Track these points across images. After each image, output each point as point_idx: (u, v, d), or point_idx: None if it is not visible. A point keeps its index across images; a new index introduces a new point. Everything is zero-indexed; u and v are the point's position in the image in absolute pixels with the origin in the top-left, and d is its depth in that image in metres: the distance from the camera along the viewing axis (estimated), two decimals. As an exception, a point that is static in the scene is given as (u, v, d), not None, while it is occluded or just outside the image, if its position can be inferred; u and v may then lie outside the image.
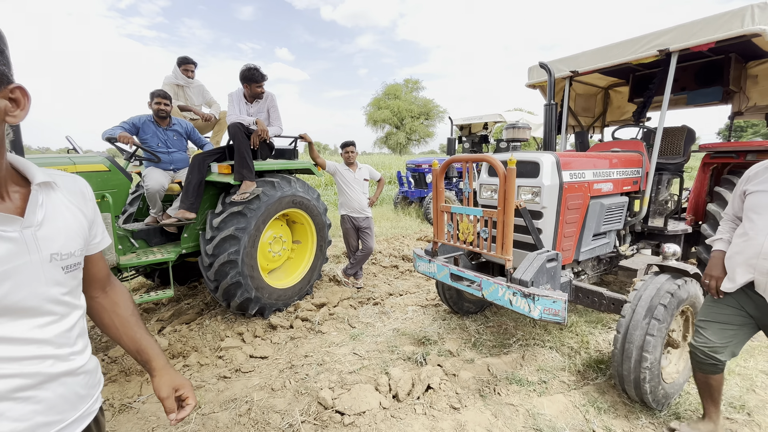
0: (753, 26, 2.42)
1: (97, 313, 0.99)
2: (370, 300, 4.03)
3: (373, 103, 42.77)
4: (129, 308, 1.02)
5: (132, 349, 0.99)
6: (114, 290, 1.03)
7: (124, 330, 0.99)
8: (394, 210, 9.50)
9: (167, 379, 0.98)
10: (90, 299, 0.97)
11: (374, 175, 4.40)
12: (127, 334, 0.99)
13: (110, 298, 1.01)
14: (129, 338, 0.99)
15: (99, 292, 0.99)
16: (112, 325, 0.99)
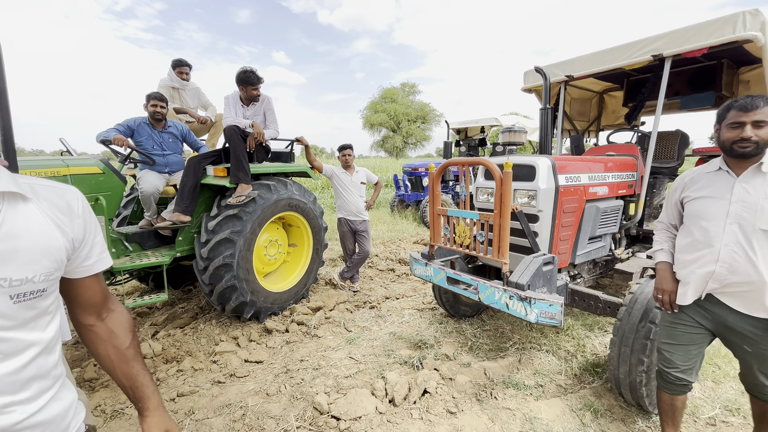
0: (745, 32, 2.45)
1: (91, 342, 0.90)
2: (367, 304, 4.01)
3: (370, 107, 42.89)
4: (127, 339, 0.92)
5: (126, 385, 0.91)
6: (112, 317, 0.92)
7: (119, 364, 0.90)
8: (390, 213, 9.50)
9: (158, 421, 0.91)
10: (82, 327, 0.89)
11: (371, 178, 4.40)
12: (122, 369, 0.90)
13: (106, 327, 0.90)
14: (124, 374, 0.90)
15: (93, 319, 0.89)
16: (107, 357, 0.90)
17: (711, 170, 1.60)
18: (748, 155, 1.47)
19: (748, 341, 1.53)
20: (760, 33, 2.45)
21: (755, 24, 2.45)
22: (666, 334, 1.73)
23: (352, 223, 4.24)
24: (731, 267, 1.49)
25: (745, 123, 1.44)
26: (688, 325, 1.66)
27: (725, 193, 1.51)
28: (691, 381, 1.69)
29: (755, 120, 1.43)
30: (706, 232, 1.54)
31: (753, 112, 1.43)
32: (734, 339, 1.58)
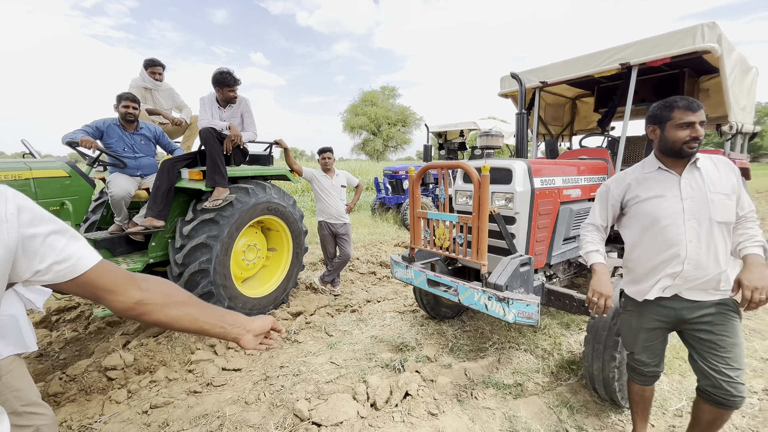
0: (703, 44, 2.60)
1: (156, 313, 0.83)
2: (348, 307, 3.99)
3: (350, 110, 42.84)
4: (184, 291, 0.91)
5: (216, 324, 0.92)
6: (153, 283, 0.85)
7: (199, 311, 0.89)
8: (371, 216, 9.50)
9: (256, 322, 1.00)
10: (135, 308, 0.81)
11: (352, 181, 4.39)
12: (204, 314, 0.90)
13: (158, 290, 0.84)
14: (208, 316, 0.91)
15: (137, 292, 0.81)
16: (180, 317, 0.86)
17: (650, 170, 1.61)
18: (693, 155, 1.52)
19: (710, 329, 1.53)
20: (717, 44, 2.61)
21: (713, 36, 2.61)
22: (630, 338, 1.77)
23: (333, 227, 4.21)
24: (697, 263, 1.50)
25: (695, 123, 1.47)
26: (648, 328, 1.68)
27: (674, 192, 1.53)
28: (660, 371, 1.76)
29: (702, 120, 1.48)
30: (668, 232, 1.53)
31: (699, 112, 1.47)
32: (699, 333, 1.56)
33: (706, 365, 1.53)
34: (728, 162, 1.57)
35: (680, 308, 1.59)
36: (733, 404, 1.49)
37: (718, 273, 1.50)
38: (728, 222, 1.50)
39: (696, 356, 1.58)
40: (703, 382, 1.57)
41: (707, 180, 1.51)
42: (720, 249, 1.49)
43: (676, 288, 1.57)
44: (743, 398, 1.48)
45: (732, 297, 1.52)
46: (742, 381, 1.48)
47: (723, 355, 1.50)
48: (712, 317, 1.53)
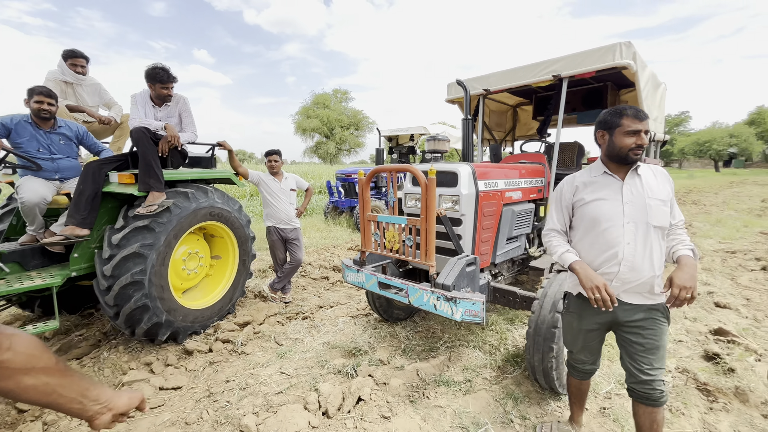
0: (621, 60, 2.90)
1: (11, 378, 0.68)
2: (299, 314, 3.88)
3: (302, 112, 42.06)
4: (51, 354, 0.75)
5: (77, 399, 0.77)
6: (17, 341, 0.70)
7: (60, 381, 0.74)
8: (324, 220, 9.36)
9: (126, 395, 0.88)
10: None
11: (302, 184, 4.29)
12: (66, 385, 0.76)
13: (21, 351, 0.69)
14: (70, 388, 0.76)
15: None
16: (39, 386, 0.72)
17: (596, 174, 1.69)
18: (633, 162, 1.60)
19: (641, 332, 1.61)
20: (632, 61, 2.91)
21: (629, 54, 2.91)
22: (571, 341, 1.86)
23: (283, 231, 4.08)
24: (633, 265, 1.57)
25: (641, 131, 1.54)
26: (588, 329, 1.76)
27: (617, 195, 1.61)
28: (596, 368, 1.88)
29: (647, 129, 1.56)
30: (607, 234, 1.60)
31: (645, 122, 1.55)
32: (630, 335, 1.65)
33: (633, 366, 1.65)
34: (665, 172, 1.68)
35: (617, 311, 1.65)
36: (657, 399, 1.61)
37: (651, 276, 1.57)
38: (663, 227, 1.59)
39: (626, 356, 1.69)
40: (629, 379, 1.68)
41: (646, 186, 1.59)
42: (655, 253, 1.57)
43: (614, 290, 1.61)
44: (664, 392, 1.61)
45: (664, 303, 1.62)
46: (661, 378, 1.61)
47: (648, 357, 1.61)
48: (644, 321, 1.61)
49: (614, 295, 1.52)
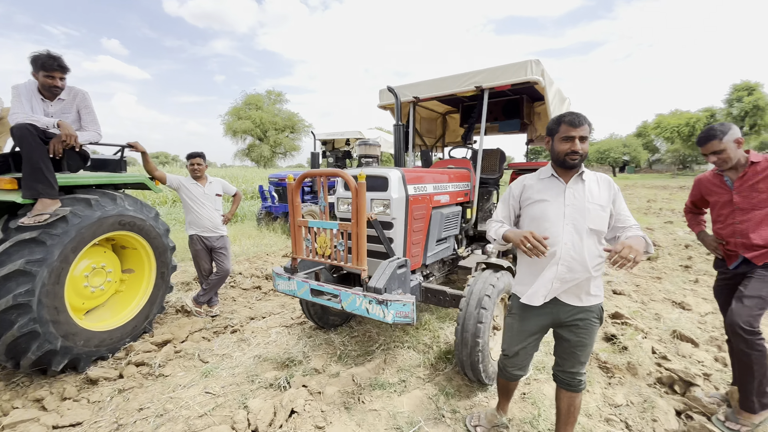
0: (532, 76, 3.20)
1: None
2: (228, 328, 3.63)
3: (232, 113, 39.73)
4: None
5: None
6: None
7: None
8: (257, 227, 8.91)
9: None
10: None
11: (228, 189, 4.04)
12: None
13: None
14: None
15: None
16: None
17: (545, 177, 1.78)
18: (576, 166, 1.68)
19: (575, 331, 1.73)
20: (541, 77, 3.23)
21: (538, 70, 3.23)
22: (509, 342, 1.89)
23: (207, 240, 3.80)
24: (570, 265, 1.65)
25: (575, 137, 1.62)
26: (529, 331, 1.83)
27: (559, 198, 1.69)
28: (523, 374, 1.96)
29: (581, 135, 1.62)
30: (548, 233, 1.66)
31: (580, 128, 1.62)
32: (565, 332, 1.76)
33: (561, 358, 1.82)
34: (609, 180, 1.75)
35: (558, 312, 1.75)
36: (577, 386, 1.81)
37: (587, 278, 1.66)
38: (600, 231, 1.67)
39: (558, 349, 1.84)
40: (557, 368, 1.86)
41: (587, 191, 1.68)
42: (591, 254, 1.65)
43: (555, 291, 1.71)
44: (583, 381, 1.81)
45: (599, 305, 1.75)
46: (584, 371, 1.81)
47: (578, 353, 1.76)
48: (580, 322, 1.72)
49: (543, 240, 1.56)
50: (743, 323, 2.01)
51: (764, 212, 2.06)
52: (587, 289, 1.69)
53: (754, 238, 2.07)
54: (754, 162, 2.07)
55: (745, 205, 2.12)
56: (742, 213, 2.13)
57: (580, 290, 1.70)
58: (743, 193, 2.12)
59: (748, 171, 2.09)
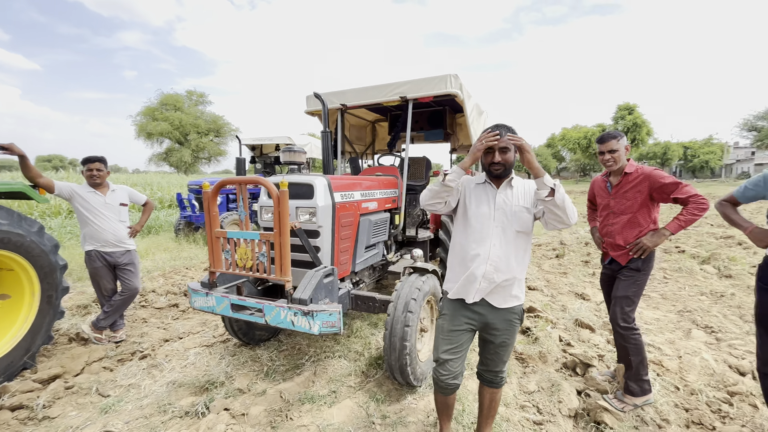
0: (452, 89, 3.41)
1: None
2: (136, 354, 3.23)
3: (146, 113, 35.99)
4: None
5: None
6: None
7: None
8: (174, 238, 8.14)
9: None
10: None
11: (136, 198, 3.61)
12: None
13: None
14: None
15: None
16: None
17: (479, 182, 1.88)
18: (500, 176, 1.79)
19: (499, 333, 1.82)
20: (459, 91, 3.46)
21: (456, 84, 3.45)
22: (440, 344, 1.88)
23: (110, 256, 3.35)
24: (497, 266, 1.73)
25: (494, 150, 1.74)
26: (460, 330, 1.85)
27: (491, 202, 1.80)
28: (458, 383, 1.92)
29: (501, 147, 1.73)
30: (478, 234, 1.78)
31: (499, 141, 1.72)
32: (490, 334, 1.84)
33: (486, 358, 1.92)
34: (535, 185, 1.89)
35: (485, 314, 1.82)
36: (499, 383, 1.94)
37: (513, 278, 1.76)
38: (526, 232, 1.79)
39: (483, 350, 1.94)
40: (481, 367, 1.97)
41: (515, 196, 1.80)
42: (518, 255, 1.76)
43: (482, 291, 1.77)
44: (504, 378, 1.95)
45: (521, 307, 1.87)
46: (505, 369, 1.93)
47: (500, 353, 1.87)
48: (503, 323, 1.82)
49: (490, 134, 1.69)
50: (620, 320, 2.37)
51: (628, 217, 2.40)
52: (511, 291, 1.79)
53: (618, 239, 2.42)
54: (628, 172, 2.41)
55: (616, 209, 2.47)
56: (614, 216, 2.48)
57: (506, 292, 1.79)
58: (617, 198, 2.46)
59: (622, 179, 2.44)
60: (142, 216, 3.67)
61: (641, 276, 2.39)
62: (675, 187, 2.25)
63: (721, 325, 3.71)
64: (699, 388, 2.62)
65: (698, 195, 2.25)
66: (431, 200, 1.82)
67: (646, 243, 2.31)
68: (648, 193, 2.33)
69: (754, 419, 2.31)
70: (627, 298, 2.39)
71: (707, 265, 5.83)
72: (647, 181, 2.33)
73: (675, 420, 2.32)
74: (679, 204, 2.30)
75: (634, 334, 2.38)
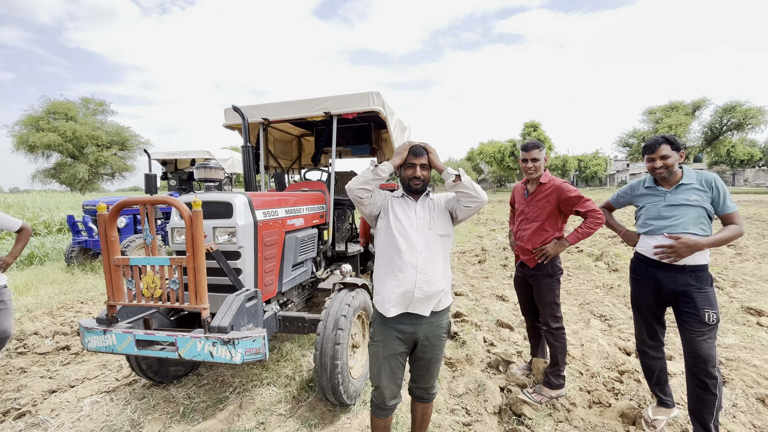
0: (374, 106, 3.51)
1: None
2: (10, 413, 2.66)
3: (29, 122, 30.82)
4: None
5: None
6: None
7: None
8: (66, 268, 6.99)
9: None
10: None
11: (7, 224, 3.00)
12: None
13: None
14: None
15: None
16: None
17: (397, 196, 1.92)
18: (419, 191, 1.86)
19: (428, 349, 1.83)
20: (382, 108, 3.58)
21: (379, 101, 3.56)
22: (377, 373, 1.86)
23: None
24: (425, 274, 1.76)
25: (416, 165, 1.80)
26: (393, 355, 1.82)
27: (412, 213, 1.85)
28: (398, 402, 1.92)
29: (422, 163, 1.81)
30: (404, 244, 1.78)
31: (421, 157, 1.80)
32: (420, 350, 1.84)
33: (417, 375, 1.92)
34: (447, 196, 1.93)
35: (415, 329, 1.81)
36: (431, 399, 1.97)
37: (440, 287, 1.79)
38: (448, 234, 1.86)
39: (414, 368, 1.92)
40: (412, 384, 1.96)
41: (434, 205, 1.89)
42: (445, 260, 1.82)
43: (415, 302, 1.77)
44: (435, 393, 1.98)
45: (448, 320, 1.91)
46: (436, 384, 1.96)
47: (431, 369, 1.89)
48: (433, 339, 1.83)
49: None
50: (552, 322, 2.60)
51: (538, 224, 2.63)
52: (439, 299, 1.82)
53: (527, 244, 2.66)
54: (542, 182, 2.62)
55: (530, 216, 2.69)
56: (526, 222, 2.71)
57: (433, 301, 1.80)
58: (531, 205, 2.68)
59: (537, 188, 2.65)
60: (15, 245, 3.04)
61: (556, 281, 2.64)
62: (577, 201, 2.48)
63: (611, 313, 4.31)
64: (597, 371, 2.99)
65: (596, 210, 2.44)
66: (359, 185, 1.80)
67: (548, 250, 2.57)
68: (556, 204, 2.56)
69: (638, 392, 2.70)
70: (552, 302, 2.62)
71: (600, 262, 6.76)
72: (556, 193, 2.53)
73: (580, 402, 2.61)
74: (580, 216, 2.53)
75: (562, 332, 2.62)
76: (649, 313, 2.32)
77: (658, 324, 2.33)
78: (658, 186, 2.24)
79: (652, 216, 2.23)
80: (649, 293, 2.28)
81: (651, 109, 40.86)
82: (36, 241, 9.00)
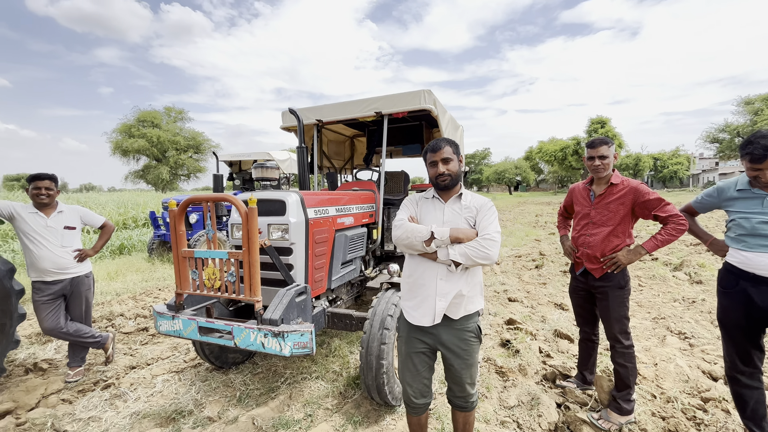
0: (425, 104, 3.45)
1: None
2: (99, 384, 3.04)
3: (122, 130, 35.23)
4: None
5: None
6: None
7: None
8: (148, 258, 7.85)
9: None
10: None
11: (91, 220, 3.29)
12: None
13: None
14: None
15: None
16: None
17: (428, 197, 1.89)
18: (448, 187, 1.79)
19: (455, 354, 1.76)
20: (433, 106, 3.51)
21: (430, 99, 3.49)
22: (402, 369, 1.86)
23: (56, 285, 2.99)
24: (449, 282, 1.69)
25: (437, 161, 1.77)
26: (415, 352, 1.81)
27: (439, 215, 1.80)
28: (429, 401, 1.90)
29: (443, 158, 1.76)
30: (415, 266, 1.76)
31: (440, 152, 1.76)
32: (449, 357, 1.78)
33: (452, 383, 1.85)
34: (484, 201, 1.80)
35: (439, 333, 1.77)
36: (470, 407, 1.88)
37: (464, 293, 1.72)
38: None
39: (447, 375, 1.86)
40: (449, 393, 1.90)
41: (464, 209, 1.79)
42: (470, 270, 1.74)
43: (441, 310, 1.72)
44: (475, 401, 1.89)
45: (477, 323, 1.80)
46: (474, 391, 1.86)
47: (464, 376, 1.80)
48: (459, 342, 1.76)
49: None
50: (622, 339, 2.32)
51: (609, 229, 2.34)
52: (464, 305, 1.75)
53: (596, 252, 2.37)
54: (614, 183, 2.35)
55: (597, 220, 2.41)
56: (593, 227, 2.42)
57: (458, 307, 1.74)
58: (599, 209, 2.40)
59: (607, 190, 2.38)
60: (98, 239, 3.40)
61: (627, 293, 2.35)
62: (657, 204, 2.19)
63: (693, 331, 3.80)
64: (674, 396, 2.64)
65: (678, 215, 2.17)
66: (404, 246, 1.77)
67: (621, 259, 2.27)
68: (631, 207, 2.28)
69: (726, 425, 2.33)
70: (623, 317, 2.33)
71: (679, 272, 6.01)
72: (632, 195, 2.27)
73: (652, 429, 2.32)
74: (658, 222, 2.22)
75: (633, 350, 2.34)
76: (740, 334, 1.99)
77: (752, 347, 1.99)
78: (754, 189, 1.90)
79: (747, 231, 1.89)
80: (739, 310, 1.96)
81: (749, 99, 35.55)
82: (125, 234, 10.24)
